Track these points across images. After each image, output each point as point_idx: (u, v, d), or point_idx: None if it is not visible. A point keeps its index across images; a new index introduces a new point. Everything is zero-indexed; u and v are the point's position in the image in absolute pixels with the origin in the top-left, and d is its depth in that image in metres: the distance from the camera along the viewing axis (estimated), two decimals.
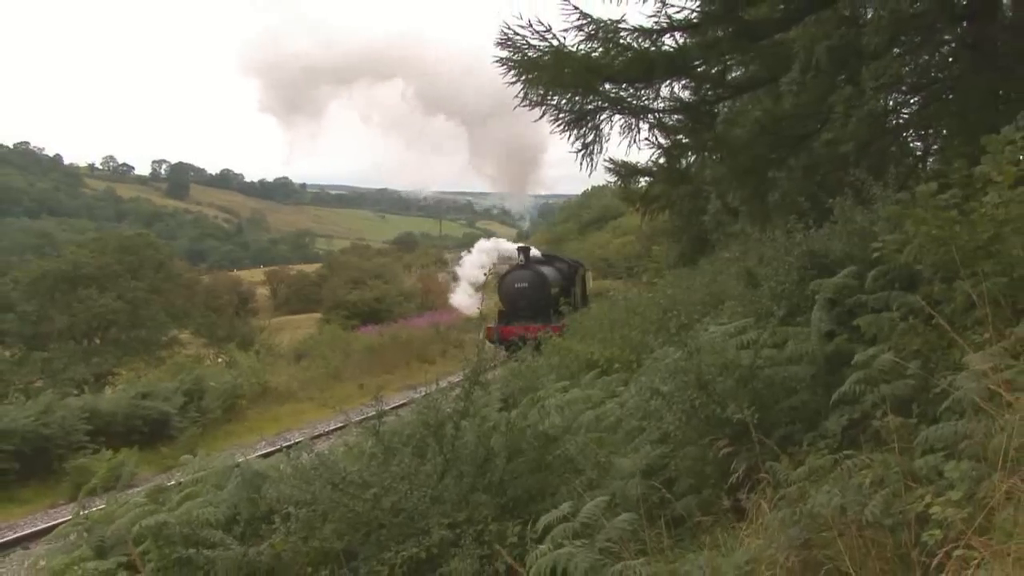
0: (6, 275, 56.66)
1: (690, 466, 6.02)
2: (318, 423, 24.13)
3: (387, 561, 5.90)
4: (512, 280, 36.43)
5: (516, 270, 36.99)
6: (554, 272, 38.90)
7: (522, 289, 35.53)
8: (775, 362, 6.33)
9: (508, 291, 36.25)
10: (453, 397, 7.19)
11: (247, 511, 7.31)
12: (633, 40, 10.78)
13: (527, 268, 36.50)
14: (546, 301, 34.29)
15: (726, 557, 4.50)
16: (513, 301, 35.72)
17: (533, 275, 36.00)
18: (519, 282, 35.85)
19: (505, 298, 36.29)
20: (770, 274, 8.08)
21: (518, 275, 36.43)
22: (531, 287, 35.51)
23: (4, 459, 18.51)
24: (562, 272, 40.22)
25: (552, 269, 39.22)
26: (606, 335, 13.16)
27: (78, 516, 8.26)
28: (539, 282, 35.72)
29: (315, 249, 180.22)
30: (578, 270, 41.92)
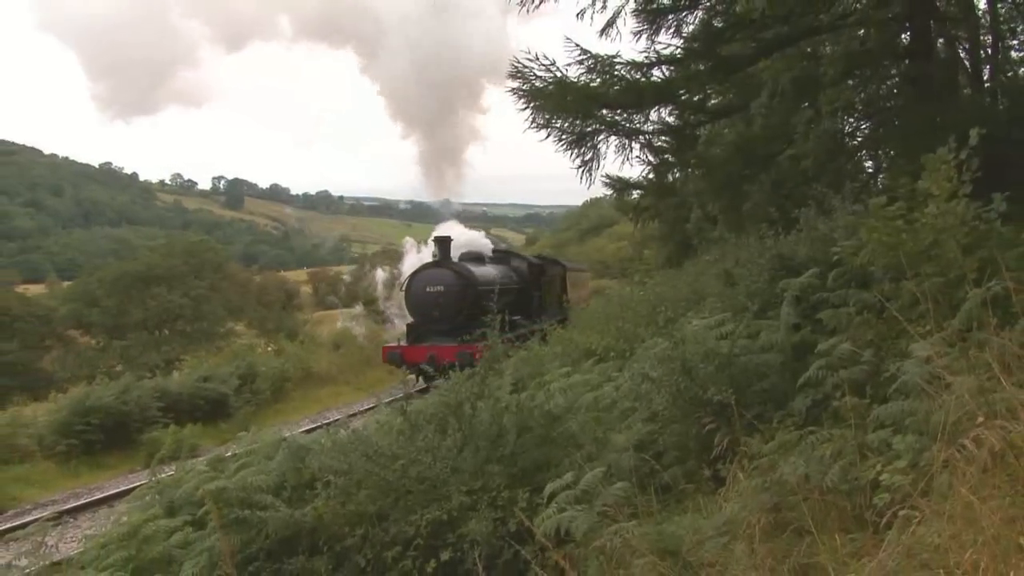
0: (92, 275, 57.05)
1: (676, 441, 6.05)
2: (353, 403, 24.79)
3: (413, 522, 5.94)
4: (422, 282, 24.78)
5: (428, 269, 25.19)
6: (499, 272, 28.18)
7: (435, 294, 24.34)
8: (749, 351, 6.35)
9: (417, 297, 24.82)
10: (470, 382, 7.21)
11: (293, 479, 7.35)
12: (626, 72, 10.84)
13: (442, 266, 24.99)
14: (472, 311, 23.09)
15: (707, 519, 4.53)
16: (423, 310, 24.72)
17: (452, 276, 24.56)
18: (432, 284, 24.47)
19: (413, 306, 25.16)
20: (745, 274, 8.12)
21: (431, 275, 24.78)
22: (449, 291, 24.22)
23: (92, 431, 19.08)
24: (519, 273, 30.09)
25: (497, 268, 28.62)
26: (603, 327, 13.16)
27: (152, 480, 8.31)
28: (461, 284, 24.26)
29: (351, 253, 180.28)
30: (547, 270, 32.25)
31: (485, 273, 26.65)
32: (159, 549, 6.69)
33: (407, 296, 25.50)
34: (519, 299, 28.99)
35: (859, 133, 12.79)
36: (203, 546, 6.47)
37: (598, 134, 11.36)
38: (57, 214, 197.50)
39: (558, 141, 11.32)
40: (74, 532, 12.86)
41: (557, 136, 11.27)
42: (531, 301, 29.98)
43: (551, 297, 32.47)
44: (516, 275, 29.95)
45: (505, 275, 28.67)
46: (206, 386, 23.41)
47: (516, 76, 10.92)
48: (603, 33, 11.23)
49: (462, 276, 24.75)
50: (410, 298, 25.33)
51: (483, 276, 25.94)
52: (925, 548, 3.18)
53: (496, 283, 25.36)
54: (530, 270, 31.05)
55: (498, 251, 32.47)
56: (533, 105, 10.98)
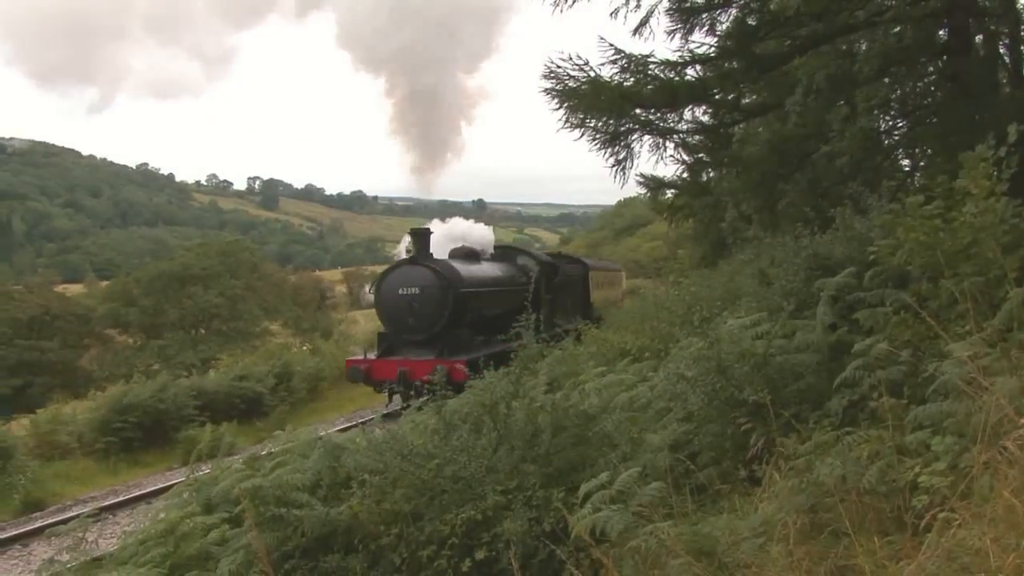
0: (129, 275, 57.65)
1: (711, 441, 6.02)
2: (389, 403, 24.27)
3: (448, 522, 5.94)
4: (394, 283, 21.01)
5: (402, 267, 21.33)
6: (499, 271, 24.91)
7: (409, 297, 20.53)
8: (785, 351, 6.31)
9: (388, 300, 21.03)
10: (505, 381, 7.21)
11: (329, 477, 7.38)
12: (660, 71, 10.81)
13: (419, 264, 20.96)
14: (454, 317, 20.41)
15: (742, 520, 4.50)
16: (396, 317, 20.93)
17: (430, 275, 20.63)
18: (405, 285, 20.68)
19: (383, 312, 21.32)
20: (780, 274, 8.07)
21: (404, 275, 20.93)
22: (427, 294, 20.40)
23: (130, 429, 19.42)
24: (525, 272, 25.11)
25: (496, 267, 25.16)
26: (638, 327, 13.14)
27: (189, 478, 8.37)
28: (440, 286, 20.39)
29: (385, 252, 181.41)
30: (562, 270, 27.94)
31: (476, 272, 23.05)
32: (196, 546, 6.74)
33: (376, 299, 21.69)
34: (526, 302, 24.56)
35: (896, 131, 12.65)
36: (239, 543, 6.51)
37: (632, 133, 11.33)
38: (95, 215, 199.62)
39: (592, 141, 11.30)
40: (113, 528, 12.99)
41: (591, 136, 11.25)
42: (540, 305, 24.41)
43: (570, 300, 28.71)
44: (523, 275, 25.26)
45: (507, 275, 25.08)
46: (242, 385, 23.59)
47: (550, 77, 10.92)
48: (636, 32, 11.18)
49: (442, 276, 20.62)
50: (380, 302, 21.40)
51: (472, 276, 22.22)
52: (966, 551, 3.14)
53: (491, 284, 23.34)
54: (542, 269, 25.85)
55: (502, 247, 28.64)
56: (567, 105, 10.97)
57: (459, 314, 20.87)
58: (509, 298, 23.27)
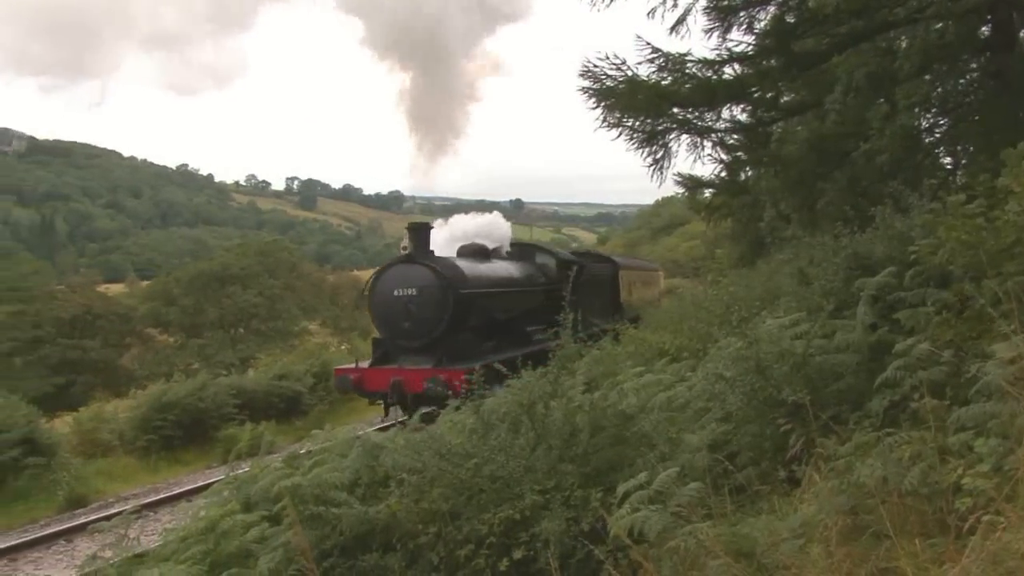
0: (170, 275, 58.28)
1: (750, 441, 5.99)
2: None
3: (486, 521, 5.95)
4: (388, 283, 18.76)
5: (397, 265, 18.87)
6: (514, 270, 22.71)
7: (405, 299, 18.35)
8: (825, 351, 6.26)
9: (382, 302, 18.80)
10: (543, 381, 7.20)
11: (367, 476, 7.41)
12: (698, 70, 10.78)
13: (416, 261, 18.57)
14: (456, 321, 18.24)
15: (782, 521, 4.48)
16: (391, 321, 18.71)
17: (429, 274, 18.40)
18: (401, 286, 18.47)
19: (377, 315, 19.07)
20: (820, 274, 8.01)
21: (399, 274, 18.66)
22: (424, 295, 18.23)
23: (170, 427, 19.64)
24: (544, 271, 23.91)
25: (511, 266, 22.91)
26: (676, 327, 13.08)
27: (228, 476, 8.43)
28: (440, 286, 18.18)
29: None
30: (587, 269, 24.79)
31: (484, 272, 20.73)
32: (236, 543, 6.78)
33: (370, 301, 19.22)
34: (546, 304, 21.19)
35: (937, 129, 12.52)
36: (279, 541, 6.54)
37: (669, 132, 11.31)
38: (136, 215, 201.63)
39: (629, 140, 11.30)
40: (154, 525, 13.11)
41: (628, 135, 11.25)
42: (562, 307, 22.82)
43: (598, 300, 25.99)
44: (542, 274, 23.84)
45: (524, 274, 23.03)
46: (281, 384, 23.76)
47: (587, 76, 10.91)
48: (673, 31, 11.15)
49: (442, 276, 18.32)
50: (374, 304, 19.06)
51: (479, 275, 20.05)
52: (1011, 555, 3.10)
53: (503, 284, 21.15)
54: (563, 267, 23.44)
55: (519, 244, 26.01)
56: (604, 104, 10.97)
57: (462, 317, 18.61)
58: (525, 299, 22.21)
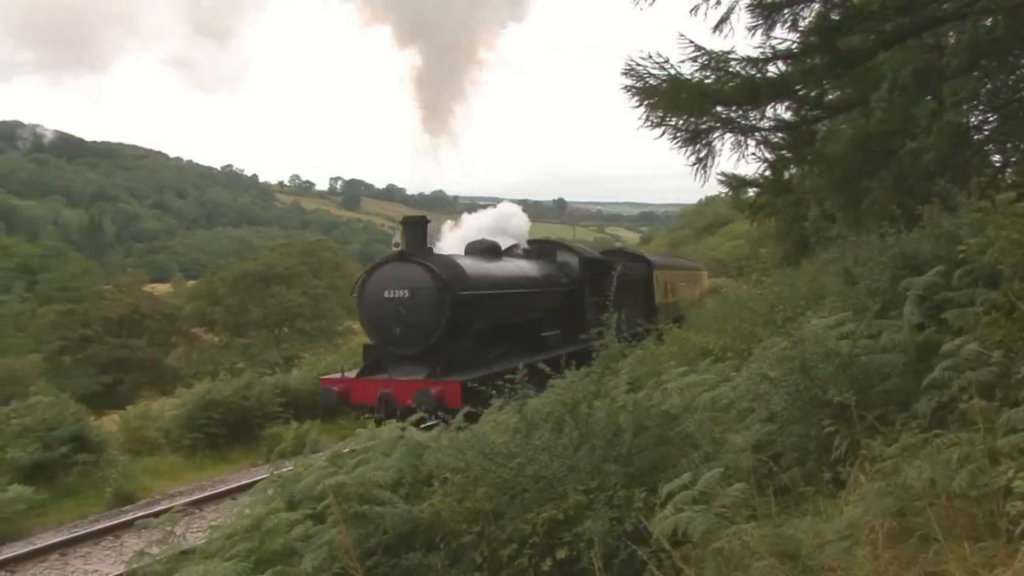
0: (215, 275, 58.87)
1: (795, 442, 5.94)
2: None
3: (530, 520, 5.95)
4: (379, 283, 17.24)
5: (389, 263, 17.36)
6: (530, 270, 21.10)
7: (397, 302, 16.82)
8: (871, 351, 6.20)
9: (371, 305, 17.32)
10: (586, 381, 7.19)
11: (411, 475, 7.43)
12: (741, 68, 10.70)
13: (409, 260, 17.05)
14: (455, 327, 16.72)
15: (827, 523, 4.44)
16: (381, 326, 17.24)
17: (423, 274, 16.86)
18: (392, 287, 16.94)
19: (367, 319, 17.69)
20: (866, 273, 7.94)
21: (391, 273, 17.18)
22: (418, 297, 16.70)
23: (215, 425, 19.84)
24: (566, 271, 22.56)
25: (526, 265, 21.28)
26: (720, 326, 13.03)
27: (273, 475, 8.49)
28: (436, 287, 16.66)
29: None
30: (615, 268, 22.42)
31: (491, 271, 19.10)
32: (281, 541, 6.82)
33: (359, 304, 17.75)
34: (566, 306, 21.78)
35: (985, 126, 12.35)
36: (323, 539, 6.57)
37: (713, 131, 11.24)
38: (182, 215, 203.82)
39: (672, 139, 11.23)
40: (200, 523, 13.26)
41: (671, 134, 11.18)
42: (584, 310, 22.10)
43: (628, 302, 22.10)
44: (563, 274, 22.35)
45: (541, 274, 21.42)
46: None
47: (630, 74, 10.87)
48: (716, 29, 11.07)
49: (438, 275, 16.66)
50: (363, 307, 17.58)
51: (484, 275, 18.44)
52: None
53: (515, 285, 19.49)
54: (583, 268, 22.74)
55: (538, 241, 24.49)
56: (647, 103, 10.92)
57: (462, 322, 16.99)
58: (541, 301, 20.82)
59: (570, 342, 19.39)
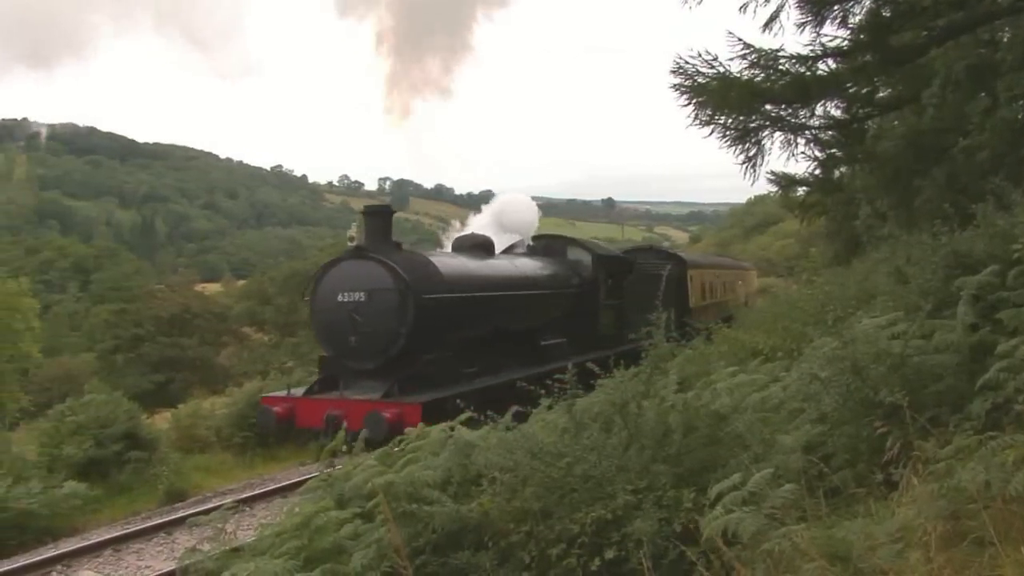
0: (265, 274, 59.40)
1: (846, 443, 5.88)
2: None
3: (578, 520, 5.93)
4: (332, 285, 15.06)
5: (343, 263, 15.20)
6: (527, 267, 19.05)
7: (351, 306, 14.64)
8: (923, 351, 6.13)
9: (324, 311, 15.13)
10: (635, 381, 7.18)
11: (459, 474, 7.44)
12: (791, 66, 10.62)
13: (368, 257, 14.88)
14: (421, 336, 14.55)
15: (879, 525, 4.39)
16: (334, 334, 15.09)
17: (384, 273, 14.65)
18: (347, 290, 14.75)
19: (319, 327, 15.53)
20: (918, 273, 7.85)
21: (347, 274, 14.99)
22: (377, 301, 14.52)
23: None
24: (577, 270, 20.65)
25: (524, 263, 19.25)
26: (770, 326, 12.94)
27: (322, 473, 8.54)
28: (397, 290, 14.46)
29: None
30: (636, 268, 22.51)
31: (476, 270, 16.96)
32: (329, 539, 6.87)
33: (311, 308, 15.61)
34: (576, 310, 19.83)
35: None
36: (371, 538, 6.61)
37: (762, 130, 11.17)
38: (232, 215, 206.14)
39: (721, 138, 11.18)
40: (250, 520, 13.37)
41: (720, 133, 11.13)
42: (597, 314, 20.54)
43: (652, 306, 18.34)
44: (574, 274, 20.34)
45: (545, 273, 19.30)
46: None
47: (678, 73, 10.82)
48: (766, 27, 11.01)
49: (400, 275, 14.44)
50: (315, 312, 15.44)
51: (462, 275, 16.25)
52: None
53: (503, 287, 17.21)
54: (596, 267, 20.70)
55: (546, 237, 22.32)
56: (696, 102, 10.87)
57: (431, 330, 14.74)
58: (543, 305, 18.59)
59: (581, 350, 17.63)
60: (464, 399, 9.78)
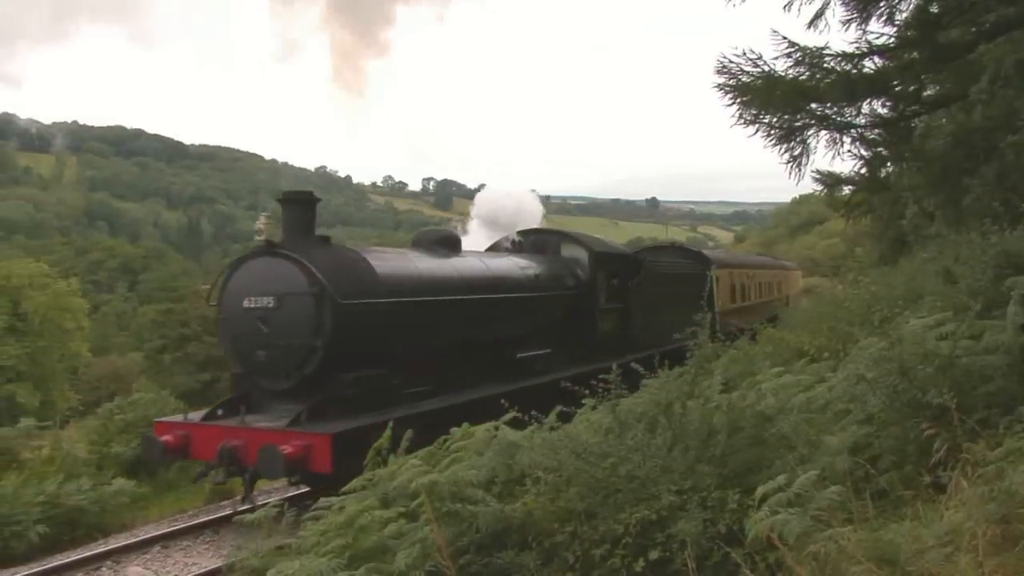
0: None
1: (893, 445, 5.83)
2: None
3: (622, 521, 5.92)
4: (238, 288, 12.84)
5: (252, 261, 13.00)
6: (502, 267, 16.54)
7: (258, 314, 12.48)
8: (972, 352, 6.06)
9: (231, 319, 12.88)
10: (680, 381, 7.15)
11: (503, 474, 7.45)
12: (836, 64, 10.53)
13: (280, 255, 12.64)
14: (341, 350, 12.36)
15: (927, 528, 4.34)
16: (242, 347, 12.88)
17: (296, 275, 12.34)
18: (255, 294, 12.52)
19: (226, 338, 13.19)
20: (966, 272, 7.77)
21: (255, 275, 12.77)
22: (287, 309, 12.32)
23: None
24: (571, 268, 18.32)
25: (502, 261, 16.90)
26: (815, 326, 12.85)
27: (367, 472, 8.56)
28: (308, 294, 12.20)
29: None
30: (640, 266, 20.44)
31: (428, 270, 14.38)
32: (374, 539, 6.89)
33: (217, 315, 13.42)
34: (572, 317, 17.51)
35: None
36: (416, 537, 6.62)
37: (807, 129, 11.07)
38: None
39: (766, 137, 11.09)
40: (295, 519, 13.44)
41: (765, 132, 11.04)
42: (595, 320, 18.09)
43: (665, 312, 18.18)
44: (570, 274, 18.12)
45: (531, 274, 16.85)
46: None
47: (722, 72, 10.77)
48: (811, 25, 10.92)
49: (315, 277, 12.12)
50: (221, 322, 13.21)
51: (406, 277, 13.73)
52: None
53: (464, 290, 14.70)
54: (595, 266, 18.34)
55: (534, 231, 19.68)
56: (740, 101, 10.81)
57: (354, 344, 12.38)
58: (528, 311, 16.17)
59: (575, 361, 16.18)
60: (400, 425, 8.62)
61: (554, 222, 38.73)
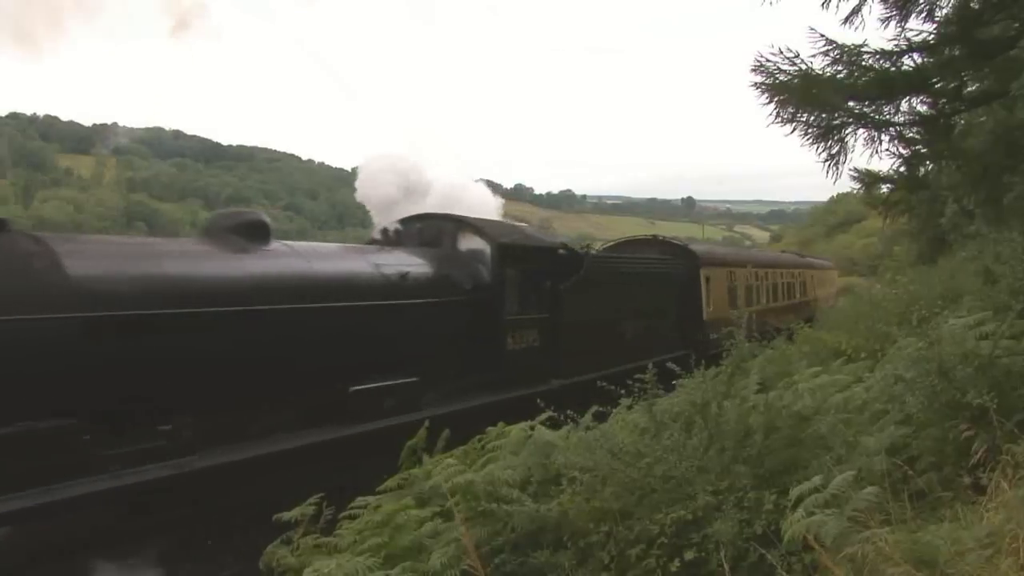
0: None
1: (931, 446, 5.78)
2: None
3: (658, 521, 5.90)
4: None
5: None
6: (347, 265, 12.36)
7: None
8: (1013, 352, 6.00)
9: None
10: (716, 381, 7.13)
11: (539, 474, 7.45)
12: (874, 62, 10.46)
13: None
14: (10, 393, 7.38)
15: (967, 530, 4.30)
16: None
17: None
18: None
19: None
20: (1007, 271, 7.71)
21: None
22: None
23: None
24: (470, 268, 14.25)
25: (345, 263, 12.46)
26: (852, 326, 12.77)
27: (404, 471, 8.60)
28: None
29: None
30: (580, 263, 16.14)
31: (164, 272, 9.58)
32: (410, 538, 6.92)
33: None
34: (467, 332, 13.42)
35: None
36: (451, 536, 6.64)
37: (845, 127, 11.00)
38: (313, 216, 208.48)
39: (803, 135, 11.03)
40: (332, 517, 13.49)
41: (802, 131, 10.98)
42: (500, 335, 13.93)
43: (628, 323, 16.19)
44: (466, 275, 14.00)
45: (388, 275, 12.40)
46: None
47: (759, 71, 10.72)
48: (847, 21, 10.84)
49: None
50: None
51: (113, 280, 8.93)
52: None
53: (261, 299, 10.22)
54: (500, 262, 14.12)
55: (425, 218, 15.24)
56: (777, 99, 10.76)
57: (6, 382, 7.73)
58: (380, 325, 11.82)
59: (459, 394, 12.72)
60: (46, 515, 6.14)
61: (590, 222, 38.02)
